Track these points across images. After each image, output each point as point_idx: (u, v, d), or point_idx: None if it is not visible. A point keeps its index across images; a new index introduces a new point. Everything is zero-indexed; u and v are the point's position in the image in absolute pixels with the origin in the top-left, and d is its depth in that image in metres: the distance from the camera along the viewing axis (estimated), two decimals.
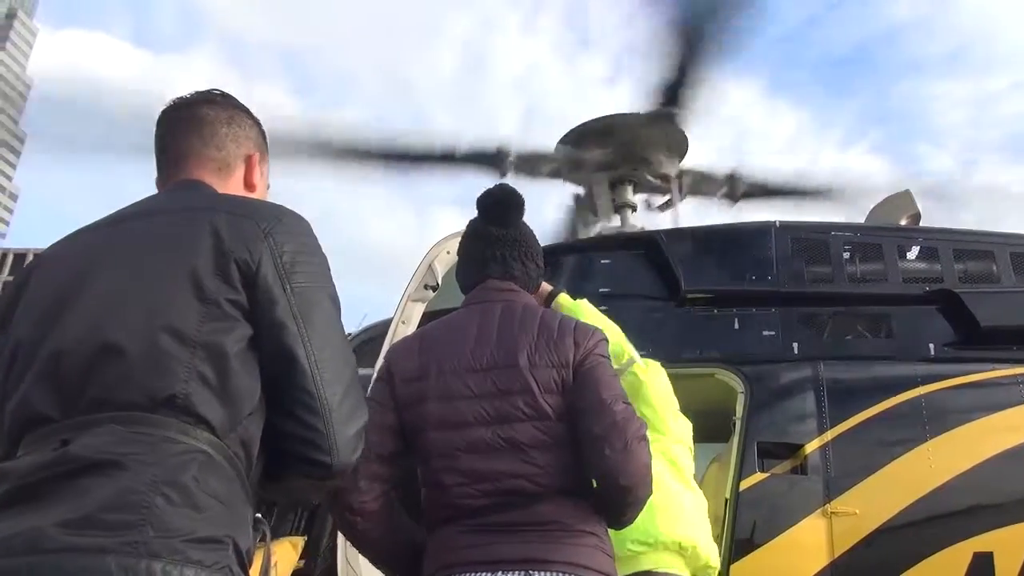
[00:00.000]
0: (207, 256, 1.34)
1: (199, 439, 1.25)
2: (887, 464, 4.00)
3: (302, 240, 1.46)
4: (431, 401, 2.05)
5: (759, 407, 4.28)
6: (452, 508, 2.02)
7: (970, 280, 4.97)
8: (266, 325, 1.35)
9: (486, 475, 1.99)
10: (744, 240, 5.23)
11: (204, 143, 1.63)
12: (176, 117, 1.67)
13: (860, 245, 5.20)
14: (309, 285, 1.41)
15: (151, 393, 1.25)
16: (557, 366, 2.03)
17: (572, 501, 2.02)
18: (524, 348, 2.06)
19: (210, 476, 1.23)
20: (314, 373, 1.35)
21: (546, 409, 2.01)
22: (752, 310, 4.83)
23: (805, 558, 3.84)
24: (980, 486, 3.90)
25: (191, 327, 1.29)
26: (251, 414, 1.33)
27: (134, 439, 1.21)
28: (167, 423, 1.24)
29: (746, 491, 3.94)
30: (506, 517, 1.98)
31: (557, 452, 2.00)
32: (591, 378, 2.05)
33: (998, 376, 4.27)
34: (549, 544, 1.95)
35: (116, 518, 1.12)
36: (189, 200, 1.52)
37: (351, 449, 1.39)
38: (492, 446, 2.00)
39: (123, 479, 1.16)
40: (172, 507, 1.16)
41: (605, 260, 5.33)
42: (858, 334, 4.84)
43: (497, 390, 2.03)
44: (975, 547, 3.76)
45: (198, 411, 1.26)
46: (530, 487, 1.98)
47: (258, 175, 1.70)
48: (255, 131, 1.73)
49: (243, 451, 1.32)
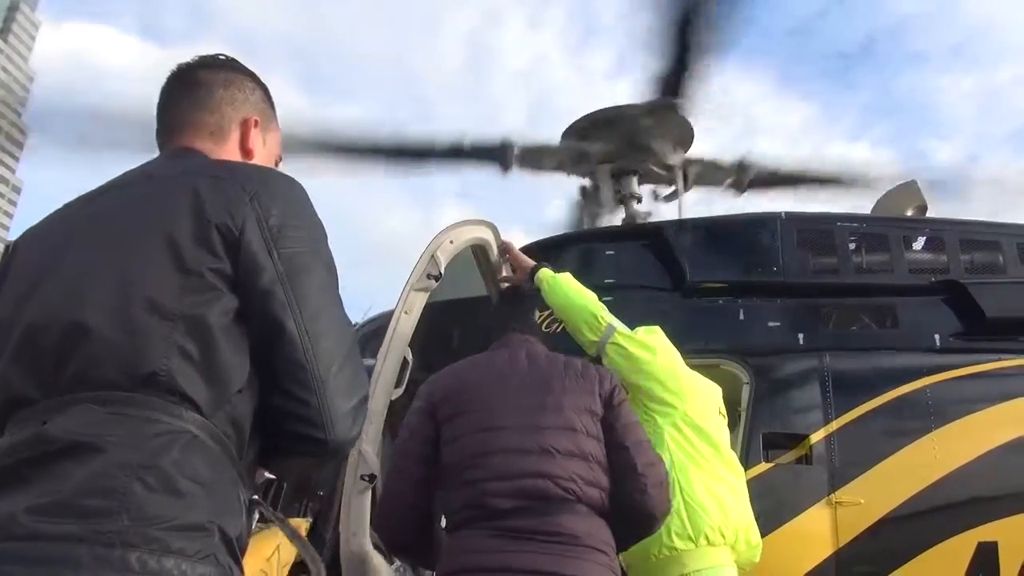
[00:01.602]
0: (186, 223, 1.26)
1: (183, 419, 1.17)
2: (892, 454, 4.01)
3: (292, 203, 1.37)
4: (469, 413, 2.34)
5: (764, 398, 4.29)
6: (475, 508, 2.21)
7: (976, 271, 4.95)
8: (252, 295, 1.27)
9: (513, 474, 2.19)
10: (750, 231, 5.21)
11: (197, 107, 1.55)
12: (174, 83, 1.59)
13: (866, 236, 5.19)
14: (299, 250, 1.32)
15: (131, 371, 1.18)
16: (586, 392, 2.36)
17: (589, 515, 2.21)
18: (555, 374, 2.41)
19: (194, 458, 1.15)
20: (304, 344, 1.27)
21: (576, 423, 2.28)
22: (757, 301, 4.83)
23: (810, 547, 3.86)
24: (985, 476, 3.90)
25: (171, 300, 1.21)
26: (241, 391, 1.25)
27: (112, 420, 1.14)
28: (149, 402, 1.16)
29: (751, 481, 3.94)
30: (525, 523, 2.14)
31: (583, 464, 2.23)
32: (629, 419, 2.42)
33: (1004, 367, 4.27)
34: (559, 557, 2.11)
35: (90, 504, 1.05)
36: (172, 167, 1.43)
37: (349, 423, 1.30)
38: (523, 449, 2.22)
39: (98, 463, 1.08)
40: (150, 492, 1.08)
41: (610, 251, 5.32)
42: (864, 325, 4.84)
43: (531, 404, 2.31)
44: (979, 537, 3.77)
45: (182, 389, 1.18)
46: (553, 490, 2.18)
47: (257, 141, 1.60)
48: (257, 95, 1.63)
49: (233, 430, 1.25)
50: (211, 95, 1.56)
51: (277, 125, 1.68)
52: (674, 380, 2.94)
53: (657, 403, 2.89)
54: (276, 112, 1.68)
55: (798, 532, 3.88)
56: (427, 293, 3.18)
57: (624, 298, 4.95)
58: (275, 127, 1.68)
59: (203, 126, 1.54)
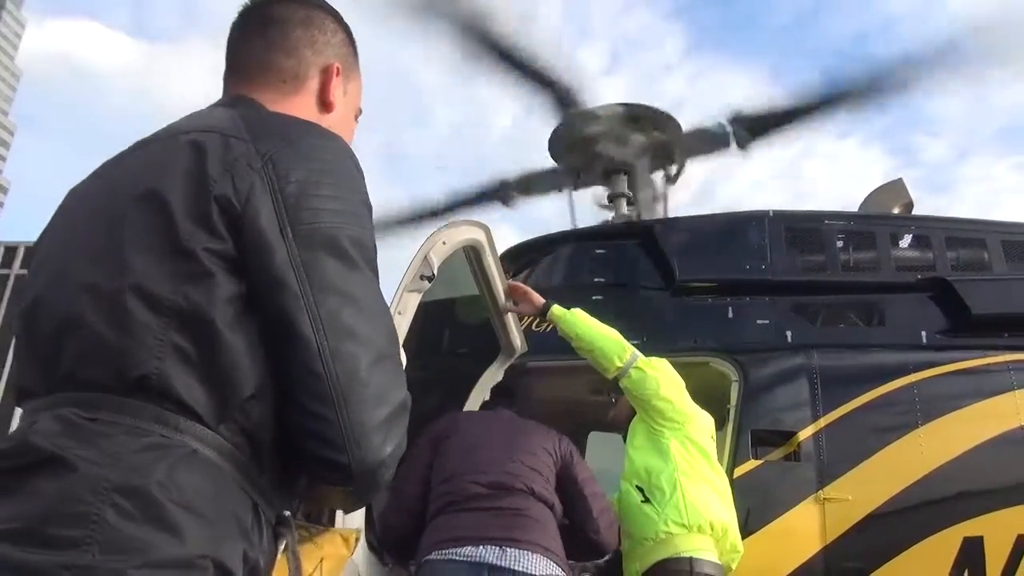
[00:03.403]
0: (183, 194, 1.04)
1: (180, 430, 0.98)
2: (879, 451, 4.05)
3: (322, 165, 1.10)
4: (457, 437, 3.13)
5: (753, 395, 4.32)
6: (454, 495, 2.91)
7: (962, 268, 5.00)
8: (259, 283, 1.03)
9: (487, 472, 2.95)
10: (738, 229, 5.25)
11: (270, 47, 1.31)
12: (245, 18, 1.36)
13: (853, 233, 5.24)
14: (321, 224, 1.06)
15: (120, 371, 0.99)
16: (548, 441, 3.17)
17: (543, 508, 2.95)
18: (526, 427, 3.23)
19: (189, 477, 0.96)
20: (321, 345, 1.02)
21: (539, 453, 3.09)
22: (746, 299, 4.86)
23: (798, 544, 3.89)
24: (970, 472, 3.95)
25: (163, 287, 1.01)
26: (253, 396, 1.03)
27: (90, 429, 0.96)
28: (140, 409, 0.98)
29: (740, 478, 3.98)
30: (493, 504, 2.87)
31: (540, 477, 3.02)
32: (586, 474, 3.18)
33: (988, 363, 4.31)
34: (520, 528, 2.81)
35: (57, 533, 0.88)
36: (199, 121, 1.18)
37: (379, 441, 1.04)
38: (496, 459, 3.00)
39: (69, 482, 0.91)
40: (126, 521, 0.90)
41: (600, 250, 5.34)
42: (851, 322, 4.88)
43: (506, 438, 3.12)
44: (965, 532, 3.81)
45: (177, 394, 0.99)
46: (517, 484, 2.93)
47: (339, 91, 1.35)
48: (339, 37, 1.38)
49: (247, 442, 1.04)
50: (287, 35, 1.32)
51: (359, 73, 1.44)
52: (680, 402, 3.47)
53: (667, 420, 3.43)
54: (359, 58, 1.44)
55: (787, 528, 3.92)
56: (420, 294, 3.19)
57: (614, 297, 4.98)
58: (357, 75, 1.43)
59: (276, 71, 1.30)
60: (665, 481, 3.29)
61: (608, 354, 3.49)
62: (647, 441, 3.44)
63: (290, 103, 1.29)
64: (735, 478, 3.96)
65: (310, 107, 1.32)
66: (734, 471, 4.01)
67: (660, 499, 3.26)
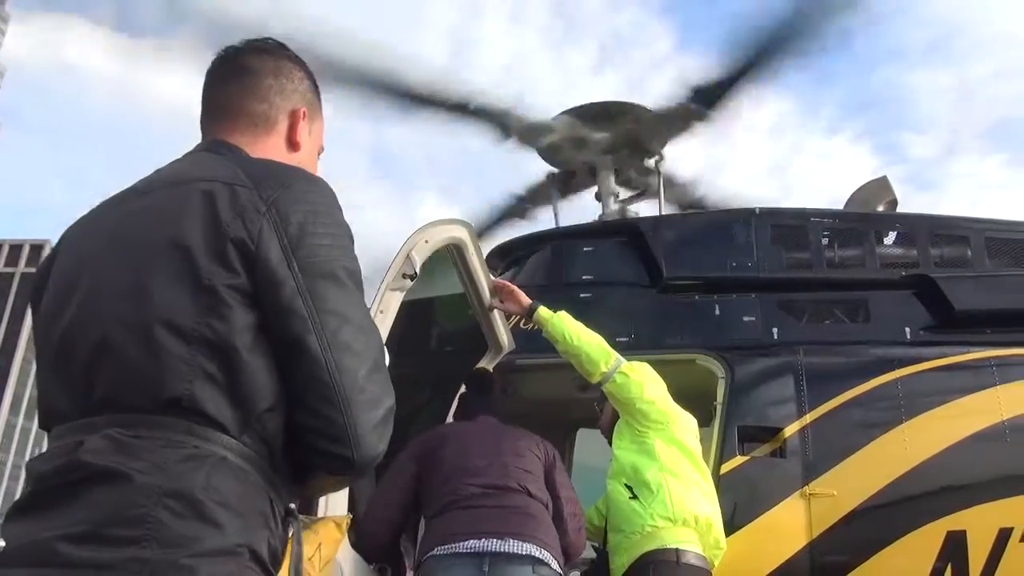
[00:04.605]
0: (201, 237, 1.21)
1: (211, 440, 1.16)
2: (864, 446, 4.08)
3: (314, 207, 1.29)
4: (449, 446, 3.25)
5: (739, 392, 4.34)
6: (453, 496, 3.05)
7: (946, 264, 5.05)
8: (272, 310, 1.22)
9: (482, 475, 3.10)
10: (724, 227, 5.27)
11: (244, 95, 1.47)
12: (220, 67, 1.51)
13: (838, 231, 5.27)
14: (320, 258, 1.26)
15: (154, 394, 1.16)
16: (533, 444, 3.33)
17: (540, 506, 3.08)
18: (511, 432, 3.39)
19: (223, 481, 1.14)
20: (327, 360, 1.22)
21: (527, 455, 3.23)
22: (732, 296, 4.88)
23: (784, 539, 3.92)
24: (954, 467, 3.99)
25: (189, 320, 1.18)
26: (270, 409, 1.22)
27: (137, 445, 1.13)
28: (174, 425, 1.16)
29: (727, 474, 4.00)
30: (489, 502, 2.99)
31: (531, 477, 3.16)
32: (563, 478, 3.35)
33: (972, 359, 4.35)
34: (517, 523, 2.93)
35: (119, 533, 1.06)
36: (196, 169, 1.36)
37: (376, 438, 1.25)
38: (489, 464, 3.15)
39: (126, 491, 1.09)
40: (177, 519, 1.08)
41: (588, 248, 5.35)
42: (836, 319, 4.92)
43: (495, 443, 3.26)
44: (948, 526, 3.85)
45: (207, 411, 1.16)
46: (512, 484, 3.07)
47: (304, 132, 1.53)
48: (306, 84, 1.55)
49: (265, 447, 1.23)
50: (259, 84, 1.49)
51: (322, 115, 1.62)
52: (663, 404, 3.58)
53: (651, 422, 3.54)
54: (321, 101, 1.61)
55: (773, 523, 3.94)
56: (402, 293, 3.19)
57: (602, 295, 4.99)
58: (321, 117, 1.61)
59: (249, 115, 1.47)
60: (651, 478, 3.40)
61: (594, 360, 3.57)
62: (632, 443, 3.54)
63: (262, 144, 1.46)
64: (722, 474, 3.99)
65: (280, 147, 1.50)
66: (721, 467, 4.03)
67: (647, 495, 3.38)
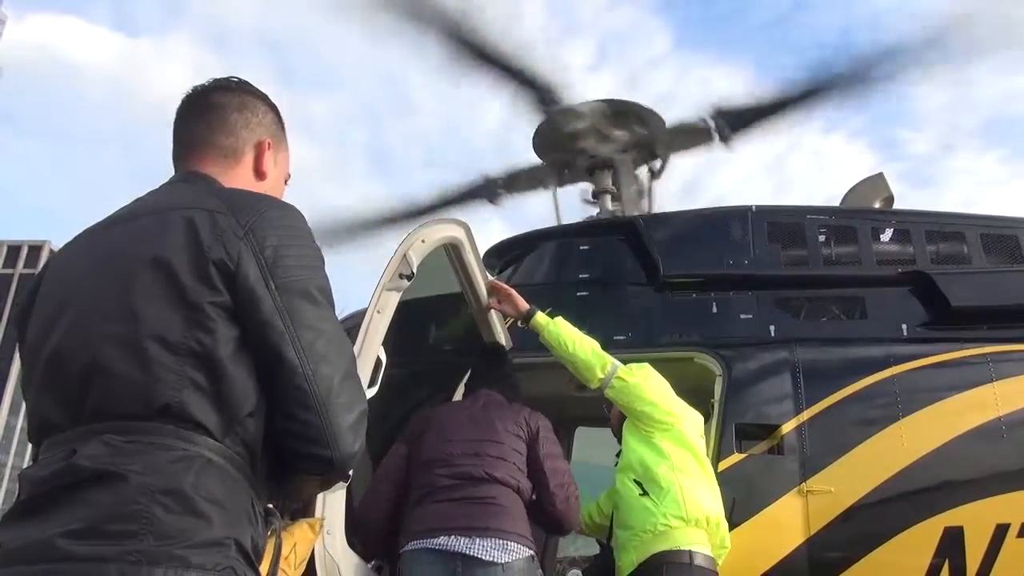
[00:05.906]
0: (185, 260, 1.33)
1: (197, 443, 1.27)
2: (861, 443, 4.09)
3: (286, 231, 1.42)
4: (432, 431, 3.32)
5: (737, 389, 4.34)
6: (428, 487, 3.16)
7: (942, 261, 5.05)
8: (252, 325, 1.34)
9: (453, 464, 3.16)
10: (721, 224, 5.27)
11: (212, 130, 1.60)
12: (188, 105, 1.64)
13: (835, 228, 5.28)
14: (294, 278, 1.38)
15: (146, 402, 1.27)
16: (518, 425, 3.33)
17: (507, 492, 3.12)
18: (498, 414, 3.37)
19: (209, 480, 1.25)
20: (305, 369, 1.34)
21: (505, 441, 3.24)
22: (729, 294, 4.89)
23: (782, 536, 3.92)
24: (951, 463, 3.99)
25: (177, 334, 1.29)
26: (251, 414, 1.33)
27: (131, 449, 1.24)
28: (164, 430, 1.26)
29: (724, 471, 4.00)
30: (460, 494, 3.09)
31: (505, 464, 3.18)
32: (550, 450, 3.34)
33: (968, 355, 4.35)
34: (487, 515, 3.00)
35: (117, 528, 1.16)
36: (176, 198, 1.48)
37: (351, 439, 1.36)
38: (463, 452, 3.20)
39: (123, 490, 1.19)
40: (170, 515, 1.19)
41: (585, 246, 5.35)
42: (833, 316, 4.92)
43: (475, 429, 3.29)
44: (945, 522, 3.86)
45: (194, 417, 1.27)
46: (478, 473, 3.13)
47: (270, 163, 1.65)
48: (270, 117, 1.68)
49: (245, 450, 1.33)
50: (225, 118, 1.61)
51: (287, 145, 1.74)
52: (667, 403, 3.59)
53: (655, 423, 3.55)
54: (286, 132, 1.73)
55: (771, 520, 3.94)
56: (399, 292, 3.19)
57: (599, 293, 5.00)
58: (285, 147, 1.73)
59: (217, 148, 1.59)
60: (661, 475, 3.41)
61: (590, 367, 3.61)
62: (640, 442, 3.56)
63: (232, 174, 1.58)
64: (719, 472, 3.99)
65: (247, 176, 1.62)
66: (718, 465, 4.03)
67: (657, 493, 3.39)
